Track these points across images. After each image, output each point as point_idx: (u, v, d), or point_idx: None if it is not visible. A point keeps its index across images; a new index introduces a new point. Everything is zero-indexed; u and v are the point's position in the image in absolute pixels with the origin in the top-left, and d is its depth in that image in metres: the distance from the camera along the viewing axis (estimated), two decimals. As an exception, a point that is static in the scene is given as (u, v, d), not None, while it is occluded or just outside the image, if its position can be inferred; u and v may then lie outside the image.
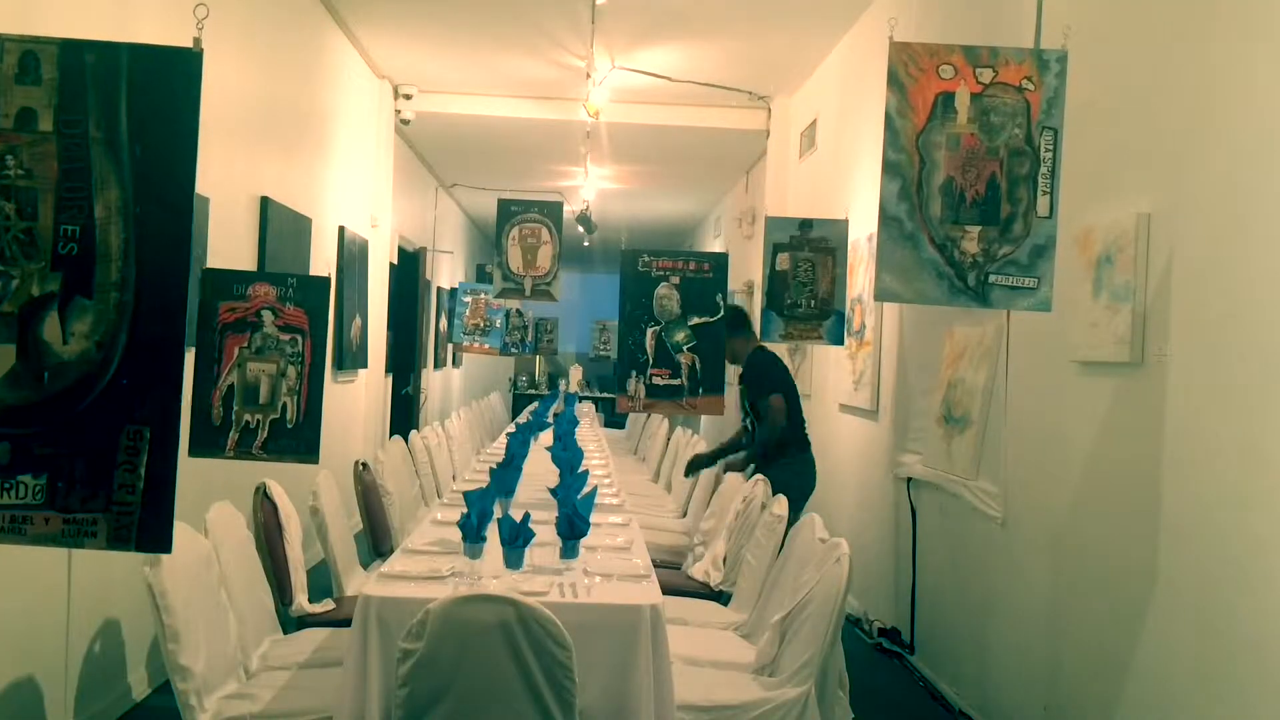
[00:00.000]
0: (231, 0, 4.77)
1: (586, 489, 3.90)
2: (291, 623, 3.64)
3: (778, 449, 5.23)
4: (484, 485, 3.77)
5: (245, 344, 3.67)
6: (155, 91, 2.37)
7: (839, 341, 5.96)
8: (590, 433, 8.36)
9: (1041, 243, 3.20)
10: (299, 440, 3.73)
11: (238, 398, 3.66)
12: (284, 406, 3.69)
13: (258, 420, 3.67)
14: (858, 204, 6.00)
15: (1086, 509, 3.39)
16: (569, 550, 3.36)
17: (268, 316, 3.68)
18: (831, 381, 6.68)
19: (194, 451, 3.65)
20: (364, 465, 4.77)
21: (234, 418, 3.65)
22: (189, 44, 2.38)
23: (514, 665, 2.50)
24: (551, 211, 6.92)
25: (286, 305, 3.70)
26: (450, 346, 11.99)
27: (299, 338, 3.71)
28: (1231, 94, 2.73)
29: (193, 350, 3.72)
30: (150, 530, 2.38)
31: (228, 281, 3.76)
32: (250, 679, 3.06)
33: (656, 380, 5.35)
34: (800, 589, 3.23)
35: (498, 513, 3.50)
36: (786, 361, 7.91)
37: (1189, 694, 2.79)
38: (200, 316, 3.70)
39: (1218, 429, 2.71)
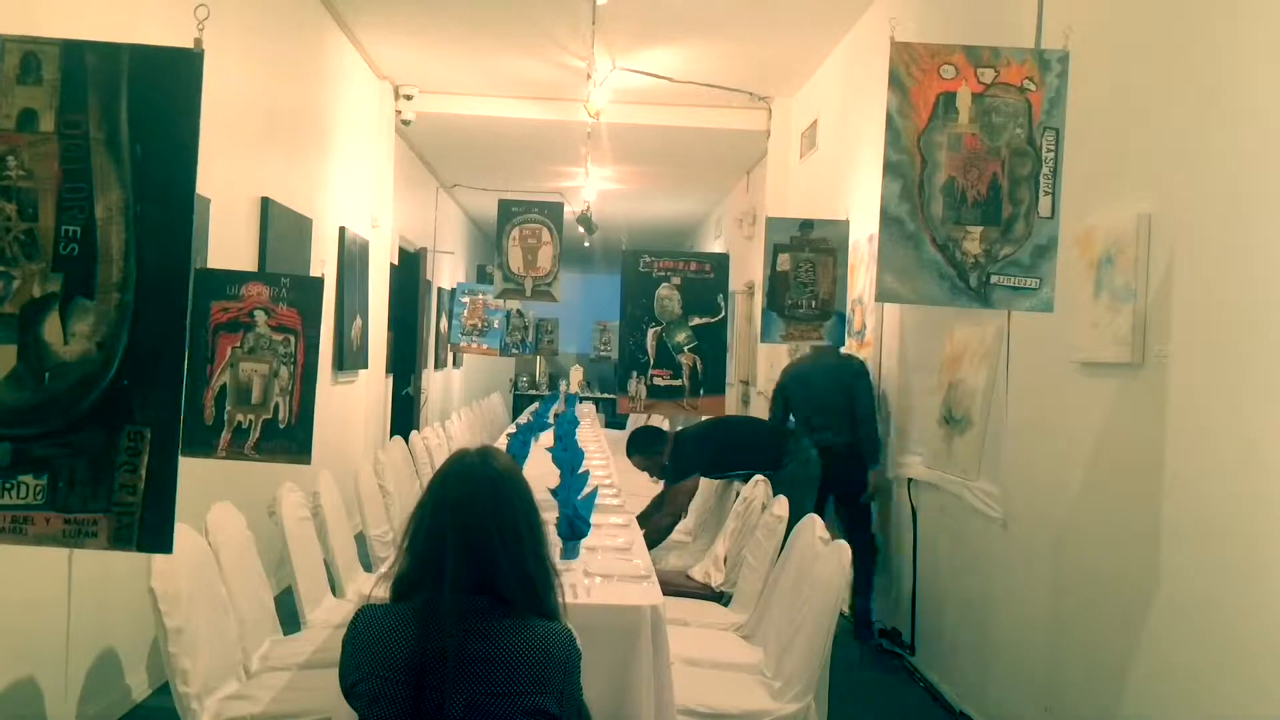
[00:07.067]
0: (232, 1, 4.78)
1: (587, 490, 3.90)
2: (292, 623, 3.64)
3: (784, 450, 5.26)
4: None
5: (238, 344, 3.67)
6: (156, 92, 2.37)
7: (840, 342, 5.95)
8: (591, 433, 8.36)
9: (1043, 243, 3.19)
10: (291, 440, 3.73)
11: (230, 398, 3.66)
12: (276, 407, 3.69)
13: (250, 420, 3.67)
14: (858, 204, 6.00)
15: (1087, 509, 3.39)
16: (569, 551, 3.37)
17: (260, 317, 3.68)
18: (832, 382, 6.66)
19: (186, 451, 3.64)
20: None
21: (226, 418, 3.65)
22: (190, 45, 2.38)
23: (514, 666, 2.49)
24: (552, 212, 6.92)
25: (279, 305, 3.70)
26: (450, 347, 11.99)
27: (292, 338, 3.71)
28: (1233, 94, 2.72)
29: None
30: (151, 530, 2.39)
31: (221, 281, 3.76)
32: (250, 679, 3.06)
33: (657, 381, 5.36)
34: (799, 603, 3.24)
35: (498, 513, 3.49)
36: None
37: (1190, 694, 2.79)
38: (193, 316, 3.70)
39: (1218, 429, 2.71)
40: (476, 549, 1.84)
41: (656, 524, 5.17)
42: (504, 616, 1.83)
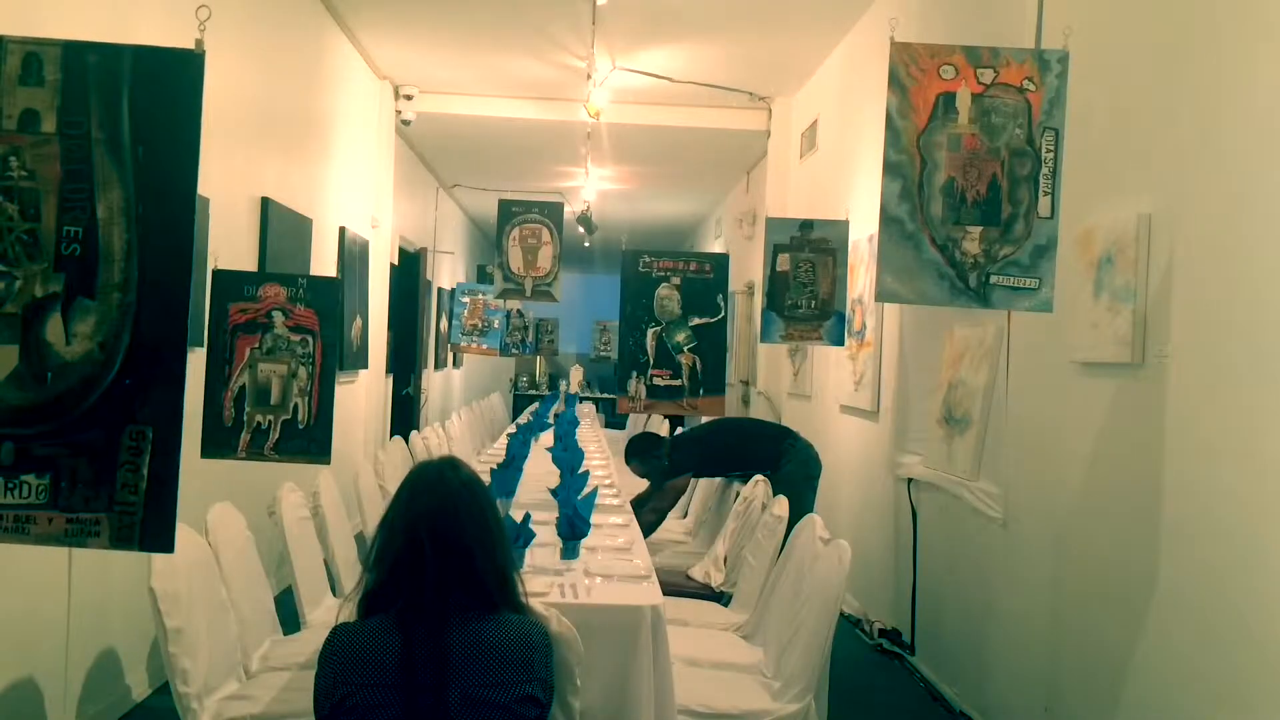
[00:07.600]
0: (233, 1, 4.78)
1: (587, 490, 3.91)
2: (292, 623, 3.64)
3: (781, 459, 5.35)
4: (485, 486, 3.77)
5: (256, 345, 3.68)
6: (157, 93, 2.37)
7: (839, 342, 5.96)
8: (591, 433, 8.36)
9: (1043, 243, 3.20)
10: (310, 441, 3.73)
11: (249, 399, 3.67)
12: (295, 407, 3.70)
13: (269, 421, 3.67)
14: (858, 205, 6.00)
15: (1087, 510, 3.39)
16: (569, 551, 3.37)
17: (278, 317, 3.68)
18: (832, 382, 6.68)
19: (206, 453, 3.63)
20: None
21: (245, 419, 3.66)
22: (191, 45, 2.38)
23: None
24: (552, 212, 6.92)
25: (297, 306, 3.71)
26: (450, 347, 11.99)
27: (310, 339, 3.72)
28: (1233, 94, 2.73)
29: (199, 350, 3.72)
30: (153, 530, 2.38)
31: (238, 282, 3.76)
32: (250, 679, 3.06)
33: (657, 381, 5.36)
34: (799, 603, 3.24)
35: (499, 513, 3.50)
36: (786, 362, 7.95)
37: (1189, 694, 2.79)
38: (211, 317, 3.69)
39: (1218, 429, 2.71)
40: (454, 552, 1.92)
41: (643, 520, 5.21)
42: (485, 612, 1.92)
